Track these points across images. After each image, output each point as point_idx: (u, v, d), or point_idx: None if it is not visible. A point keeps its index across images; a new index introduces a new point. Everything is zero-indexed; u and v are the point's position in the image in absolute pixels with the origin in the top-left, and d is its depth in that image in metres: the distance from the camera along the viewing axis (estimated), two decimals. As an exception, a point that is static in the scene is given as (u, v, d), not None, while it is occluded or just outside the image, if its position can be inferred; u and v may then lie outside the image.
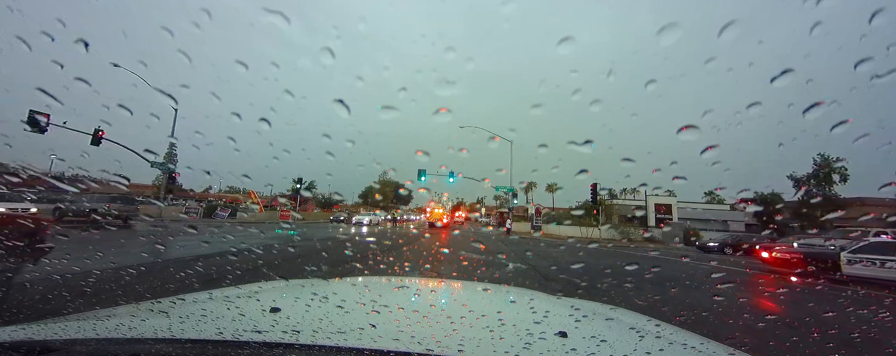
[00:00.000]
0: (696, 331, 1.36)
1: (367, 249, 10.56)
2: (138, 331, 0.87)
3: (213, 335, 0.86)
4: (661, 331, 1.30)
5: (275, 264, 7.07)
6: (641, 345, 1.07)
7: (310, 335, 0.89)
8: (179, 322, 0.98)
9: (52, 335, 0.84)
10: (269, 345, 0.80)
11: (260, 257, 7.67)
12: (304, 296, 1.44)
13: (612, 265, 9.07)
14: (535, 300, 1.69)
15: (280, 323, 1.01)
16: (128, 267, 5.60)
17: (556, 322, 1.25)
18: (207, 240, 11.21)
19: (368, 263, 7.50)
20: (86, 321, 0.94)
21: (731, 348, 1.12)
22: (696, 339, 1.19)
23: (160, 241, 10.64)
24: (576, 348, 0.93)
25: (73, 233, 9.79)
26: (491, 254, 10.68)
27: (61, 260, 5.01)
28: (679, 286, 6.78)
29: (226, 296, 1.39)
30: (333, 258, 8.65)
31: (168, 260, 6.80)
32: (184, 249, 8.27)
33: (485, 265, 8.03)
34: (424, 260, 8.95)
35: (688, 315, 4.53)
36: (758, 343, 3.51)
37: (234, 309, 1.19)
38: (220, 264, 6.46)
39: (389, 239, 15.52)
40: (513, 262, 9.48)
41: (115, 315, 1.05)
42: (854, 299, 6.47)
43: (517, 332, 1.10)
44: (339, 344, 0.83)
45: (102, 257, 6.40)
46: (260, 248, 8.94)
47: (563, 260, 10.98)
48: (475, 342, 0.96)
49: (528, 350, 0.90)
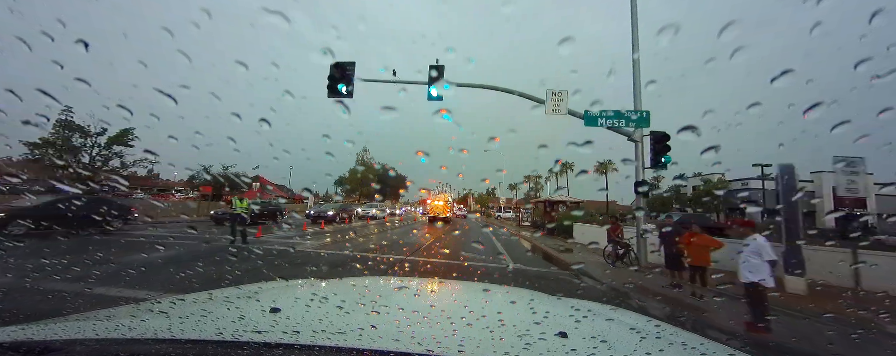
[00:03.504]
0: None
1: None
2: (138, 331, 0.87)
3: (213, 335, 0.86)
4: (661, 331, 1.30)
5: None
6: (642, 346, 1.07)
7: (310, 335, 0.89)
8: (179, 322, 0.98)
9: (52, 335, 0.84)
10: (269, 346, 0.80)
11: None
12: (304, 297, 1.44)
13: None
14: (535, 300, 1.69)
15: (280, 323, 1.01)
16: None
17: (556, 322, 1.25)
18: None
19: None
20: (86, 321, 0.94)
21: (731, 349, 1.11)
22: (696, 340, 1.19)
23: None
24: (576, 348, 0.93)
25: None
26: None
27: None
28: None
29: (226, 297, 1.39)
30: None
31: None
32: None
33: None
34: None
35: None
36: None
37: (234, 309, 1.19)
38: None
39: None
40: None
41: (115, 315, 1.05)
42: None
43: (517, 333, 1.10)
44: (339, 344, 0.82)
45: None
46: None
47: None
48: (475, 342, 0.96)
49: (528, 350, 0.90)
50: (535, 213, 28.89)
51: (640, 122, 8.80)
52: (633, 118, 8.85)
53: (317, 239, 12.00)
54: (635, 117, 8.86)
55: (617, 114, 8.92)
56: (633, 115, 8.87)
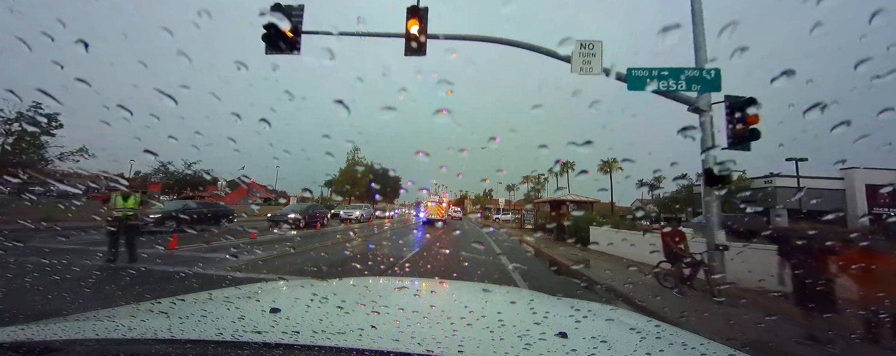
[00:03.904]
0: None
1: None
2: (138, 331, 0.87)
3: (213, 335, 0.86)
4: (661, 331, 1.30)
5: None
6: (642, 346, 1.07)
7: (310, 335, 0.89)
8: (179, 322, 0.98)
9: (51, 335, 0.84)
10: (268, 346, 0.80)
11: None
12: (304, 297, 1.44)
13: None
14: (535, 301, 1.69)
15: (280, 323, 1.01)
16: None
17: (557, 323, 1.25)
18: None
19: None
20: (86, 321, 0.94)
21: (731, 349, 1.11)
22: (696, 340, 1.19)
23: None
24: (576, 349, 0.93)
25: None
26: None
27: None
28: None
29: (226, 297, 1.39)
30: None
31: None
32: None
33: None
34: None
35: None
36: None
37: (234, 309, 1.19)
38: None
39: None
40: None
41: (115, 315, 1.05)
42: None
43: (517, 333, 1.10)
44: (338, 344, 0.82)
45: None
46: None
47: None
48: (475, 343, 0.96)
49: (528, 351, 0.90)
50: (539, 215, 26.52)
51: (707, 85, 6.23)
52: (696, 77, 6.27)
53: (251, 255, 8.73)
54: (700, 76, 6.26)
55: (673, 72, 6.38)
56: (696, 72, 6.32)
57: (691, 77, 6.32)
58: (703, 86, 6.29)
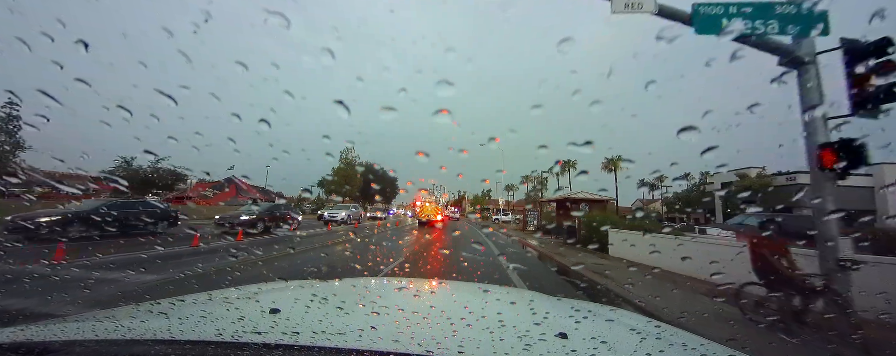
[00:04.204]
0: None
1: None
2: (138, 332, 0.87)
3: (213, 336, 0.85)
4: (661, 332, 1.30)
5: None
6: (642, 347, 1.07)
7: (309, 336, 0.89)
8: (179, 323, 0.98)
9: (51, 336, 0.84)
10: (268, 347, 0.80)
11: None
12: (303, 298, 1.44)
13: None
14: (535, 301, 1.69)
15: (280, 324, 1.00)
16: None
17: (557, 323, 1.25)
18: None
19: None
20: (85, 322, 0.94)
21: (731, 349, 1.11)
22: (696, 340, 1.19)
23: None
24: (576, 349, 0.93)
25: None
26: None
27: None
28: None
29: (225, 298, 1.39)
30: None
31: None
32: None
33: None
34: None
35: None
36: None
37: (234, 310, 1.19)
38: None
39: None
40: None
41: (114, 316, 1.05)
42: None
43: (517, 334, 1.10)
44: (338, 345, 0.82)
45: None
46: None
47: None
48: (475, 343, 0.96)
49: (528, 351, 0.90)
50: (543, 216, 24.04)
51: (806, 25, 4.52)
52: (795, 14, 4.54)
53: (155, 274, 5.68)
54: (799, 13, 4.55)
55: (762, 8, 4.64)
56: (792, 8, 4.56)
57: (786, 14, 4.54)
58: (802, 27, 4.55)
